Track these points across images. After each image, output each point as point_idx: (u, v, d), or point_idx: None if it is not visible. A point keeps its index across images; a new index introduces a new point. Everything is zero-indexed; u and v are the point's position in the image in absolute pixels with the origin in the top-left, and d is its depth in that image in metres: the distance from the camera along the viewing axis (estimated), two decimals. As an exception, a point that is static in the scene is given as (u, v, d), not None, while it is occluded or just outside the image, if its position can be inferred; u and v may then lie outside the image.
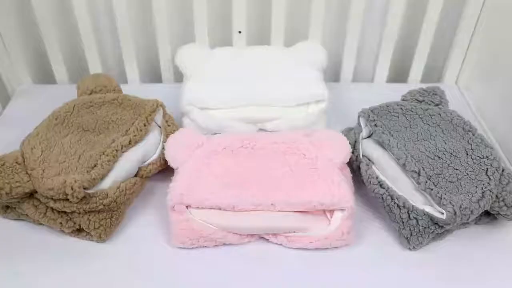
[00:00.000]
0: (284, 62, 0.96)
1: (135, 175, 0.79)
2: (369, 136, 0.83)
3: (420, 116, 0.82)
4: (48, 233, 0.75)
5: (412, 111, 0.82)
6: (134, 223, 0.77)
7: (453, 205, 0.67)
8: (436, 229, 0.70)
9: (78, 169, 0.71)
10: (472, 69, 1.07)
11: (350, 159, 0.80)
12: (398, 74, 1.17)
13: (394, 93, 0.93)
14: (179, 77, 1.06)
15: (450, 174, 0.72)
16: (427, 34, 1.05)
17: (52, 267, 0.70)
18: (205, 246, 0.73)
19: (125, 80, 1.12)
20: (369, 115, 0.82)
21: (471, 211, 0.68)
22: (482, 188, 0.70)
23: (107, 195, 0.71)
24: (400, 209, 0.71)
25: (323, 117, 0.93)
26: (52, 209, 0.71)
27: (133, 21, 1.07)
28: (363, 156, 0.81)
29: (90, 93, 0.88)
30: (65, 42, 1.09)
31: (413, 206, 0.71)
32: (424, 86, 0.90)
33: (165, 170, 0.82)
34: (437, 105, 0.85)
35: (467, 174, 0.72)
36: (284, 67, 0.95)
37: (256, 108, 0.90)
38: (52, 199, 0.69)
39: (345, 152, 0.78)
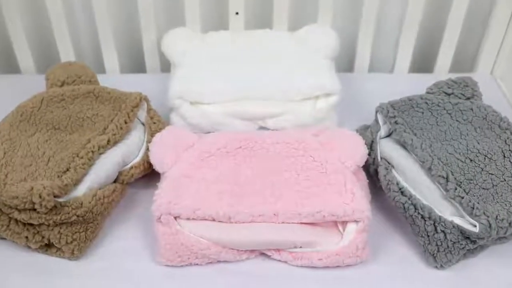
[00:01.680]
0: (288, 49, 0.96)
1: (115, 181, 0.79)
2: (388, 135, 0.83)
3: (449, 112, 0.82)
4: (11, 249, 0.74)
5: (439, 106, 0.83)
6: (113, 237, 0.77)
7: (488, 216, 0.67)
8: (468, 245, 0.70)
9: (47, 174, 0.71)
10: (510, 57, 1.07)
11: (366, 162, 0.80)
12: (423, 63, 1.17)
13: (418, 85, 0.93)
14: (166, 66, 1.06)
15: (484, 180, 0.72)
16: (457, 15, 1.05)
17: (17, 289, 0.70)
18: (197, 264, 0.73)
19: (102, 70, 1.12)
20: (388, 111, 0.82)
21: (509, 223, 0.68)
22: (522, 196, 0.70)
23: (82, 204, 0.71)
24: (425, 220, 0.71)
25: (334, 113, 0.93)
26: (17, 221, 0.70)
27: (112, 0, 1.07)
28: (381, 158, 0.81)
29: (61, 85, 0.88)
30: (31, 25, 1.09)
31: (440, 217, 0.71)
32: (453, 76, 0.90)
33: (149, 175, 0.82)
34: (468, 98, 0.86)
35: (505, 180, 0.72)
36: (288, 55, 0.95)
37: (255, 102, 0.91)
38: (16, 209, 0.68)
39: (360, 154, 0.78)
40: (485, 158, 0.74)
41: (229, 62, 0.94)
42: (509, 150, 0.76)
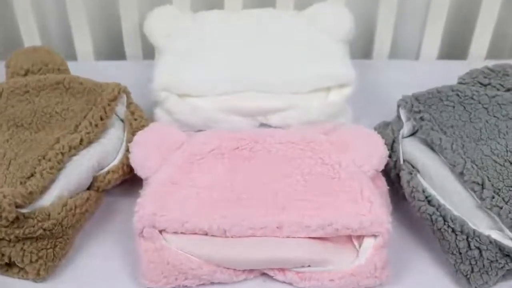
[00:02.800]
0: (294, 32, 0.96)
1: (88, 188, 0.79)
2: (412, 134, 0.83)
3: (485, 106, 0.82)
4: (-35, 269, 0.73)
5: (474, 99, 0.83)
6: (87, 255, 0.77)
7: (532, 230, 0.67)
8: (507, 264, 0.70)
9: (8, 180, 0.71)
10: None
11: (386, 165, 0.80)
12: (454, 48, 1.17)
13: (448, 73, 0.93)
14: (149, 52, 1.06)
15: (527, 187, 0.71)
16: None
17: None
18: (186, 286, 0.72)
19: (73, 56, 1.13)
20: (412, 105, 0.82)
21: (557, 238, 0.68)
22: None
23: (49, 215, 0.71)
24: (456, 235, 0.71)
25: (348, 107, 0.93)
26: (-29, 235, 0.69)
27: (85, -26, 1.09)
28: (404, 161, 0.81)
29: (25, 74, 0.88)
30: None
31: (474, 231, 0.70)
32: (490, 63, 0.90)
33: (130, 181, 0.82)
34: (508, 90, 0.85)
35: (551, 187, 0.71)
36: (294, 39, 0.95)
37: (255, 95, 0.91)
38: (-29, 221, 0.67)
39: (379, 156, 0.78)
40: (528, 161, 0.74)
41: (224, 47, 0.94)
42: (557, 151, 0.76)
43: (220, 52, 0.93)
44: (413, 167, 0.80)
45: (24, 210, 0.69)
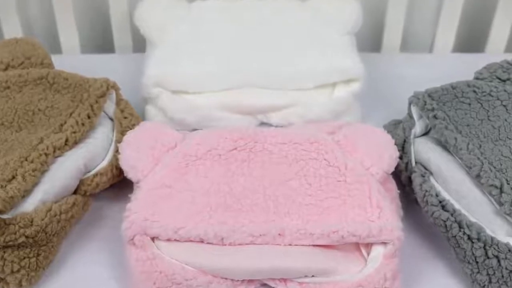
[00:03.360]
0: (297, 23, 0.96)
1: (75, 192, 0.78)
2: (425, 134, 0.83)
3: (504, 103, 0.82)
4: None
5: (492, 96, 0.83)
6: (73, 264, 0.77)
7: (555, 238, 0.68)
8: (528, 274, 0.69)
9: (-13, 183, 0.70)
10: None
11: (396, 167, 0.80)
12: (470, 40, 1.17)
13: (464, 68, 0.93)
14: (140, 44, 1.06)
15: (550, 191, 0.71)
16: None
17: None
18: (180, 299, 0.71)
19: (58, 49, 1.13)
20: (425, 102, 0.82)
21: None
22: None
23: (32, 221, 0.70)
24: (472, 242, 0.71)
25: (355, 104, 0.93)
26: None
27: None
28: (416, 163, 0.81)
29: (5, 69, 0.88)
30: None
31: (492, 238, 0.70)
32: (510, 57, 0.90)
33: (119, 185, 0.82)
34: (529, 86, 0.85)
35: None
36: (298, 30, 0.95)
37: (255, 91, 0.91)
38: None
39: (389, 157, 0.79)
40: (551, 163, 0.74)
41: (221, 40, 0.94)
42: None
43: (217, 45, 0.93)
44: (425, 169, 0.80)
45: (4, 216, 0.69)
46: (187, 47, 0.93)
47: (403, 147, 0.82)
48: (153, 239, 0.71)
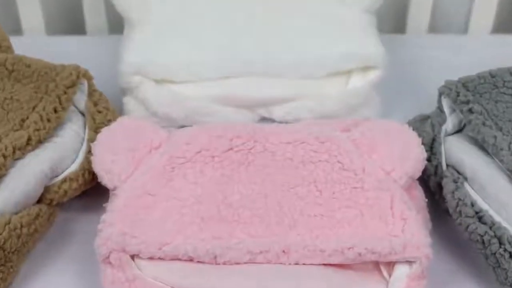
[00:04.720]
0: (307, 1, 0.95)
1: (38, 201, 0.77)
2: (459, 131, 0.82)
3: (552, 95, 0.81)
4: None
5: (537, 86, 0.82)
6: (38, 285, 0.75)
7: None
8: None
9: None
10: None
11: (423, 171, 0.78)
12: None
13: (504, 53, 0.94)
14: (116, 24, 1.06)
15: None
16: None
17: None
18: (165, 327, 0.70)
19: (19, 30, 1.12)
20: (458, 93, 0.80)
21: None
22: None
23: (-14, 237, 0.68)
24: (516, 261, 0.68)
25: (375, 96, 0.92)
26: None
27: None
28: (447, 166, 0.79)
29: (-43, 54, 0.87)
30: None
31: (539, 256, 0.68)
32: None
33: (92, 192, 0.81)
34: None
35: None
36: (307, 9, 0.94)
37: (255, 80, 0.90)
38: None
39: (415, 159, 0.76)
40: None
41: (213, 20, 0.93)
42: None
43: (209, 26, 0.92)
44: (459, 173, 0.77)
45: (-44, 229, 0.68)
46: (173, 28, 0.92)
47: (431, 147, 0.81)
48: (132, 257, 0.69)
